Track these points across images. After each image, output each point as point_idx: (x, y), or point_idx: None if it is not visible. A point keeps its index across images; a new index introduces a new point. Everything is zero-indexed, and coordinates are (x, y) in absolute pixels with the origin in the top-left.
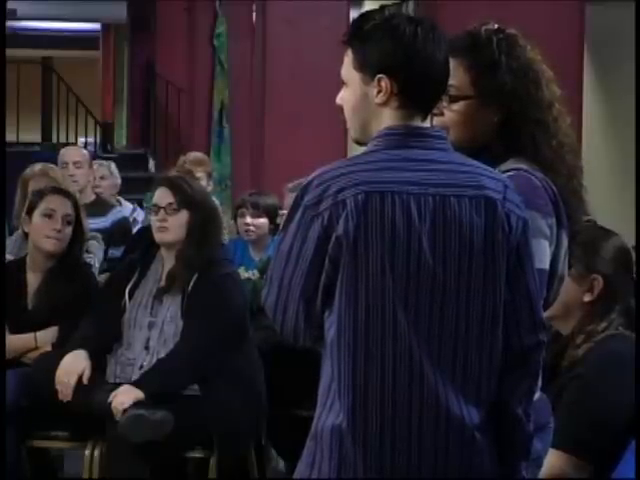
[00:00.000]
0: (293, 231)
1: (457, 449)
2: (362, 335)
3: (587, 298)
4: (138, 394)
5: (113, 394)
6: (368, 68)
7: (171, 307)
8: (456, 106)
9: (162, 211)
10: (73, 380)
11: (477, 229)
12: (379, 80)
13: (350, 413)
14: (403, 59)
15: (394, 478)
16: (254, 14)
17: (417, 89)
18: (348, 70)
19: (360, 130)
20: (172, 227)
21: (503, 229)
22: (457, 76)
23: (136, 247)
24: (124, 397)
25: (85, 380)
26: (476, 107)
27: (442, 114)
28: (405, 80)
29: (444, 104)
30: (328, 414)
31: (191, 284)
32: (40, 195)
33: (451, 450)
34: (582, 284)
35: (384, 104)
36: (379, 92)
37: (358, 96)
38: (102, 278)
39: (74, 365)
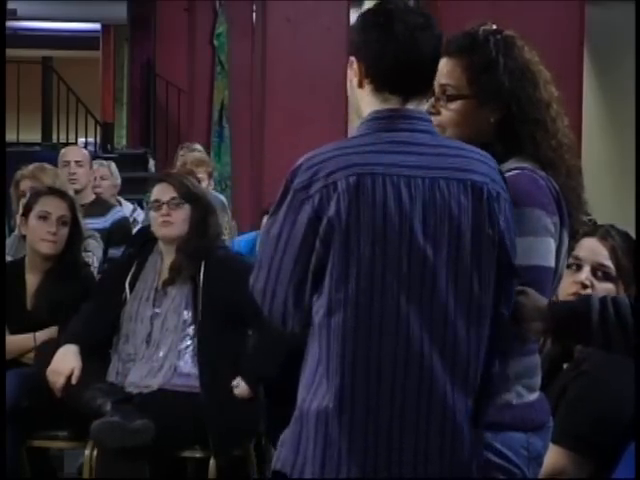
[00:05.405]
0: (283, 215)
1: (438, 433)
2: (351, 317)
3: None
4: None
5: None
6: (350, 51)
7: (176, 298)
8: (453, 105)
9: (165, 206)
10: (61, 381)
11: (465, 212)
12: (352, 62)
13: (337, 395)
14: (368, 40)
15: (378, 461)
16: (254, 14)
17: (386, 72)
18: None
19: (356, 113)
20: (176, 221)
21: (491, 211)
22: (455, 75)
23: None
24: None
25: (74, 380)
26: (473, 107)
27: (439, 113)
28: (371, 62)
29: (441, 103)
30: (314, 397)
31: (202, 271)
32: (35, 197)
33: (432, 434)
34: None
35: (360, 86)
36: (355, 75)
37: (349, 80)
38: None
39: (62, 365)
